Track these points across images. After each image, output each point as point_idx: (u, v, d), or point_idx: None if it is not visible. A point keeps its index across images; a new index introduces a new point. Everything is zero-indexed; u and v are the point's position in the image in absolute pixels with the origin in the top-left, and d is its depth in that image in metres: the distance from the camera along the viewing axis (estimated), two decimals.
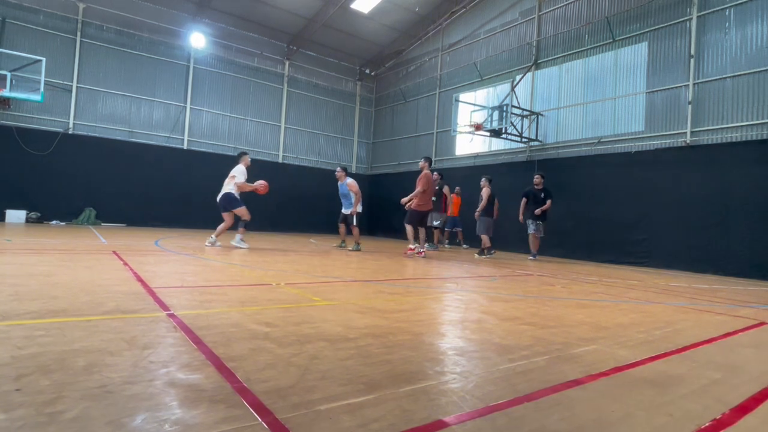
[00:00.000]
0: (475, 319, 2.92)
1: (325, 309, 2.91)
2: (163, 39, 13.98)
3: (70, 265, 4.26)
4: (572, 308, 3.56)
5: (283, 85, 16.43)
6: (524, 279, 5.70)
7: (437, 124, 15.42)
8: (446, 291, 4.26)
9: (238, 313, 2.61)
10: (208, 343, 1.94)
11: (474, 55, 14.19)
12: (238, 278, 4.15)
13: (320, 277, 4.58)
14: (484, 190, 9.75)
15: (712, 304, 4.28)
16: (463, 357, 2.02)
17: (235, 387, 1.46)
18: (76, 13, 12.64)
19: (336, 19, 15.00)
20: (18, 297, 2.65)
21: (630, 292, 4.85)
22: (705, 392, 1.71)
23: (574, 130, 11.27)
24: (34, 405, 1.24)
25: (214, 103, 15.01)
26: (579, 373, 1.84)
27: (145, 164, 13.43)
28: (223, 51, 15.08)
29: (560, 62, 11.69)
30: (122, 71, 13.36)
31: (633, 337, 2.60)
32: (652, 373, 1.92)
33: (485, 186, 9.80)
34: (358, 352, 1.98)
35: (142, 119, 13.76)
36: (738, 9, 8.59)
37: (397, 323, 2.60)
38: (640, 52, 10.06)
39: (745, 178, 8.15)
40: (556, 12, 11.93)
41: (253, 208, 14.94)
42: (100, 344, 1.83)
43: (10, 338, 1.84)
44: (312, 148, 17.23)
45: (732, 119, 8.57)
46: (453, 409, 1.41)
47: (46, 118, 12.26)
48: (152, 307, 2.61)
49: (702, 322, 3.28)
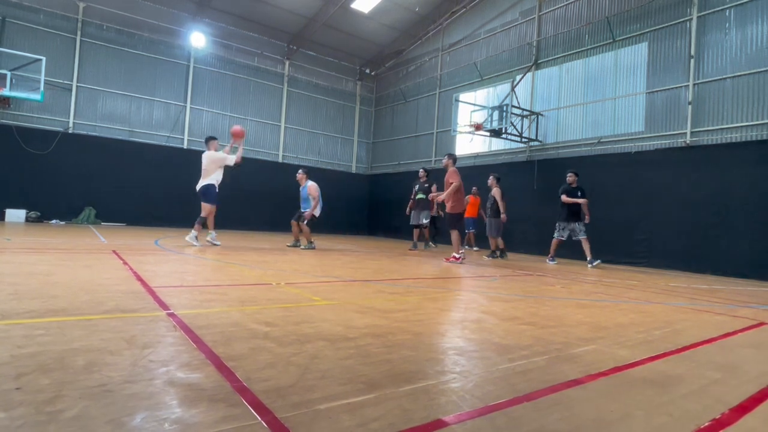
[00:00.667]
0: (474, 319, 2.92)
1: (325, 308, 2.91)
2: (163, 38, 13.97)
3: (70, 264, 4.26)
4: (572, 308, 3.56)
5: (283, 84, 16.43)
6: (524, 279, 5.70)
7: (437, 124, 15.42)
8: (446, 291, 4.26)
9: (238, 313, 2.61)
10: (207, 343, 1.94)
11: (474, 55, 14.19)
12: (237, 278, 4.15)
13: (320, 277, 4.58)
14: (495, 189, 9.39)
15: (712, 305, 4.28)
16: (463, 357, 2.02)
17: (235, 386, 1.46)
18: (76, 13, 12.63)
19: (336, 19, 15.00)
20: (18, 296, 2.65)
21: (629, 292, 4.86)
22: (704, 392, 1.72)
23: (574, 131, 11.27)
24: (33, 404, 1.24)
25: (214, 102, 15.01)
26: (578, 373, 1.85)
27: (144, 164, 13.42)
28: (223, 50, 15.08)
29: (560, 62, 11.69)
30: (122, 71, 13.36)
31: (632, 337, 2.60)
32: (652, 373, 1.93)
33: (495, 185, 9.44)
34: (358, 351, 1.98)
35: (142, 119, 13.76)
36: (738, 9, 8.59)
37: (397, 323, 2.60)
38: (640, 52, 10.06)
39: (744, 179, 8.15)
40: (556, 12, 11.93)
41: (253, 209, 15.06)
42: (100, 343, 1.84)
43: (10, 337, 1.84)
44: (312, 147, 17.23)
45: (732, 120, 8.57)
46: (452, 408, 1.41)
47: (46, 118, 12.25)
48: (152, 307, 2.61)
49: (701, 323, 3.29)
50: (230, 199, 14.81)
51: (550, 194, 11.34)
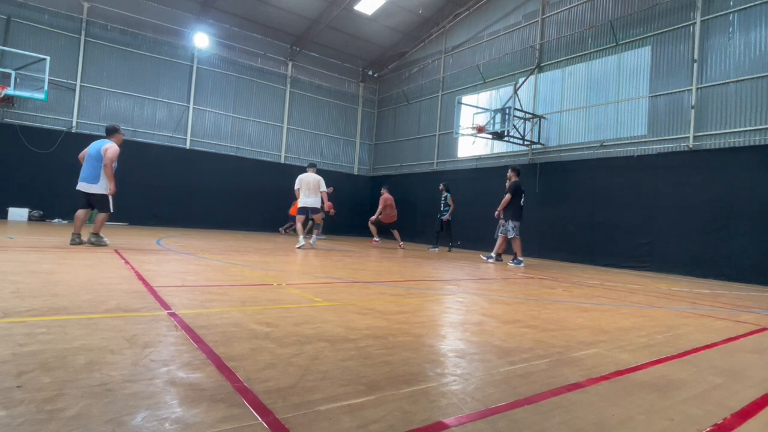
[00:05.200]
0: (475, 322, 2.91)
1: (325, 310, 2.91)
2: (166, 39, 14.02)
3: (72, 263, 4.27)
4: (573, 311, 3.55)
5: (286, 85, 16.47)
6: (525, 282, 5.69)
7: (440, 126, 15.43)
8: (447, 293, 4.25)
9: (239, 313, 2.61)
10: (208, 343, 1.94)
11: (477, 57, 14.20)
12: (239, 278, 4.16)
13: (321, 278, 4.58)
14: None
15: (714, 309, 4.26)
16: (464, 359, 2.02)
17: (236, 386, 1.46)
18: (80, 13, 12.69)
19: (339, 21, 15.03)
20: (20, 294, 2.66)
21: (631, 296, 4.84)
22: (706, 397, 1.71)
23: (576, 134, 11.26)
24: (34, 402, 1.24)
25: (217, 103, 15.05)
26: (579, 377, 1.84)
27: (147, 163, 13.45)
28: (226, 51, 15.12)
29: (563, 65, 11.69)
30: (126, 70, 13.41)
31: (634, 341, 2.59)
32: (653, 378, 1.92)
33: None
34: (359, 353, 1.98)
35: (145, 119, 13.80)
36: (741, 14, 8.58)
37: (398, 324, 2.60)
38: (643, 56, 10.05)
39: (748, 183, 8.13)
40: (559, 15, 11.94)
41: (255, 210, 15.08)
42: (101, 342, 1.84)
43: (12, 335, 1.85)
44: (314, 149, 17.25)
45: (735, 124, 8.55)
46: (453, 410, 1.41)
47: (49, 117, 12.30)
48: (153, 306, 2.61)
49: (704, 327, 3.27)
50: (233, 200, 14.90)
51: (552, 197, 11.35)
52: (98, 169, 6.31)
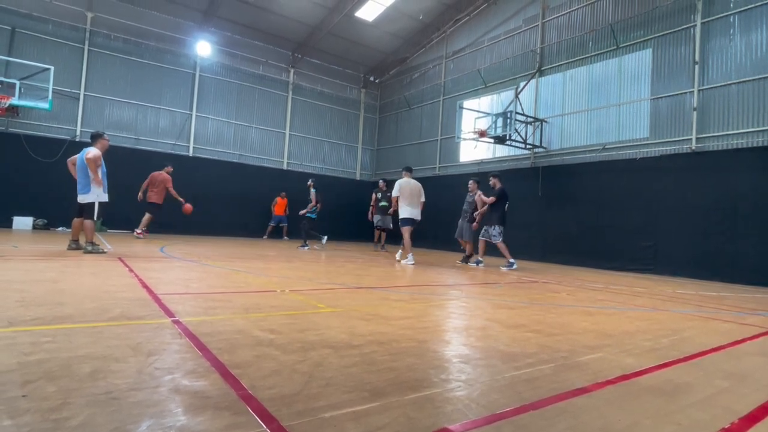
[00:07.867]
0: (479, 327, 2.90)
1: (329, 316, 2.91)
2: (169, 47, 14.13)
3: (76, 271, 4.29)
4: (578, 315, 3.54)
5: (288, 92, 16.54)
6: (529, 286, 5.67)
7: (441, 131, 15.45)
8: (451, 298, 4.24)
9: (243, 320, 2.61)
10: (212, 350, 1.94)
11: (478, 62, 14.24)
12: (242, 285, 4.16)
13: (324, 284, 4.58)
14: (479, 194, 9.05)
15: (720, 312, 4.24)
16: (468, 364, 2.01)
17: (240, 394, 1.46)
18: (84, 23, 12.80)
19: (340, 27, 15.12)
20: (24, 303, 2.67)
21: (636, 300, 4.82)
22: (713, 401, 1.70)
23: (578, 137, 11.26)
24: (40, 411, 1.24)
25: (220, 110, 15.13)
26: (585, 381, 1.83)
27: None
28: (228, 59, 15.22)
29: (564, 69, 11.71)
30: (129, 79, 13.51)
31: (639, 345, 2.58)
32: (659, 382, 1.91)
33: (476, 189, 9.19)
34: (363, 359, 1.97)
35: (148, 126, 13.88)
36: (742, 16, 8.59)
37: (402, 330, 2.59)
38: (644, 58, 10.06)
39: (751, 184, 8.09)
40: (560, 19, 11.97)
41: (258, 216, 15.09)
42: (106, 351, 1.84)
43: (17, 344, 1.85)
44: (316, 155, 17.30)
45: (737, 125, 8.53)
46: (458, 416, 1.41)
47: (53, 126, 12.39)
48: (157, 314, 2.61)
49: (709, 330, 3.25)
50: (235, 207, 14.93)
51: (555, 200, 11.33)
52: (86, 178, 6.49)
